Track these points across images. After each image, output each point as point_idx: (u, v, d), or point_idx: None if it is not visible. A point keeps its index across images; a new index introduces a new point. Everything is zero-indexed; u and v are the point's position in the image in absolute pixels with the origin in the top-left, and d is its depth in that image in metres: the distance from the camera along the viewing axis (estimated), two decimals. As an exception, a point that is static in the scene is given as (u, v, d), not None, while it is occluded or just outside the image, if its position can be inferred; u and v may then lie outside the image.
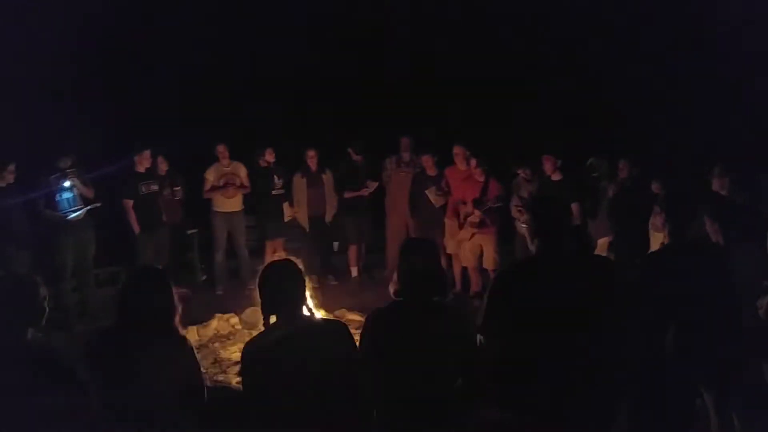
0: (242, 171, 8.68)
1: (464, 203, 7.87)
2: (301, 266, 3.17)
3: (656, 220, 4.09)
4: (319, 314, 5.90)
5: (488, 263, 7.82)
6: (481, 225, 7.74)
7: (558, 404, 3.08)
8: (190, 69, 10.19)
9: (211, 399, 3.23)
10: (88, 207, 7.40)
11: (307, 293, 3.20)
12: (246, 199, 8.79)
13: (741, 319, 3.80)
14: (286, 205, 8.70)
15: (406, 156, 8.65)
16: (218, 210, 8.65)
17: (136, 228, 7.82)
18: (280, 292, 3.06)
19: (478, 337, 3.25)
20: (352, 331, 6.65)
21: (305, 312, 3.10)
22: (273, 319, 3.07)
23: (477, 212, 7.72)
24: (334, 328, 3.20)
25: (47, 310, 3.12)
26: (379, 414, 3.19)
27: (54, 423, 2.77)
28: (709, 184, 5.95)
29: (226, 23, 10.47)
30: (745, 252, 4.24)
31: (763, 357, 4.17)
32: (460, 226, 7.89)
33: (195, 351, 3.20)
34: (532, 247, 3.33)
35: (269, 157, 8.57)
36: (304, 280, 3.12)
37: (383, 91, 11.02)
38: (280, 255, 8.51)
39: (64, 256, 7.35)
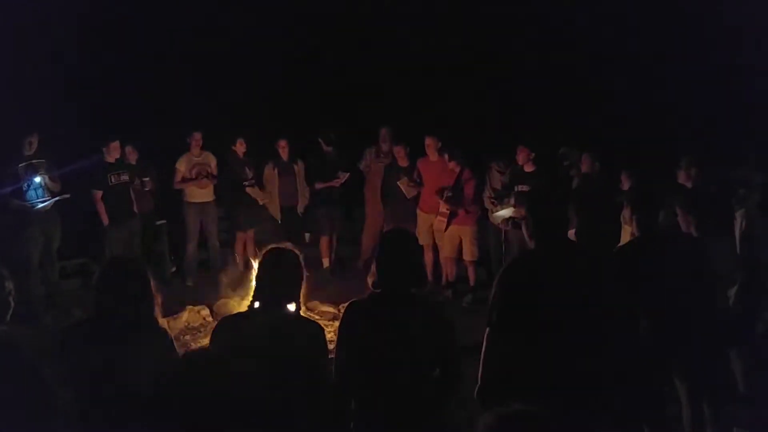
0: (212, 161, 8.55)
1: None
2: (300, 260, 3.14)
3: (624, 213, 4.14)
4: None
5: (467, 254, 7.82)
6: (453, 214, 7.76)
7: (569, 396, 3.08)
8: (162, 57, 10.04)
9: None
10: (57, 198, 7.25)
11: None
12: (217, 189, 8.68)
13: (714, 308, 3.88)
14: (256, 189, 8.55)
15: (385, 146, 8.60)
16: (190, 201, 8.51)
17: (105, 219, 7.69)
18: (267, 280, 3.05)
19: (487, 331, 3.25)
20: (325, 322, 6.61)
21: (291, 308, 3.04)
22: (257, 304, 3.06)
23: (442, 202, 7.74)
24: (306, 329, 3.10)
25: (12, 304, 3.05)
26: (356, 405, 3.19)
27: (15, 420, 2.71)
28: (675, 176, 6.03)
29: (198, 10, 10.32)
30: (715, 243, 4.32)
31: (732, 346, 4.26)
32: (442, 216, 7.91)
33: (174, 344, 3.16)
34: (530, 243, 3.35)
35: (240, 147, 8.49)
36: (300, 275, 3.10)
37: (360, 81, 10.97)
38: (251, 246, 8.49)
39: (30, 248, 7.19)
